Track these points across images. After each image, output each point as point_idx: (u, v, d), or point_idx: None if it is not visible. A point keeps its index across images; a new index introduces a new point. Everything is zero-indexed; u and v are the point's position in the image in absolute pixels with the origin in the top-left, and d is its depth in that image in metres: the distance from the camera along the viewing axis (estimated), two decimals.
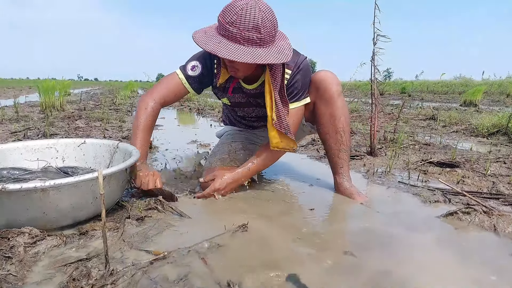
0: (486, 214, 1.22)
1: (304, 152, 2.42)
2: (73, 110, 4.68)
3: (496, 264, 0.93)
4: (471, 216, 1.22)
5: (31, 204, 0.94)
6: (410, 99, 9.17)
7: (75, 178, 0.96)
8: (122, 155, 1.37)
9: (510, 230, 1.13)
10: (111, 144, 1.43)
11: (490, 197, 1.39)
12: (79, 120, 3.68)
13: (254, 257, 0.93)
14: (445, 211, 1.26)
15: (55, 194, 0.95)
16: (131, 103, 6.59)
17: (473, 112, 5.21)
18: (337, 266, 0.90)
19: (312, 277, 0.84)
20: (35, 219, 0.96)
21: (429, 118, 4.15)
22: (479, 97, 7.08)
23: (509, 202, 1.33)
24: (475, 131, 3.24)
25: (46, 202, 0.95)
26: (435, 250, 1.01)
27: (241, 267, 0.88)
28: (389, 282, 0.83)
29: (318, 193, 1.51)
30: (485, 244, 1.05)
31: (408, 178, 1.72)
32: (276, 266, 0.89)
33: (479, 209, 1.24)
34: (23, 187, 0.89)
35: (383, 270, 0.88)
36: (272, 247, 1.00)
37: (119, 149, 1.39)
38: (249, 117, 1.64)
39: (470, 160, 1.98)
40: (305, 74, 1.37)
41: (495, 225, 1.16)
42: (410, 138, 2.82)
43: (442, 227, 1.17)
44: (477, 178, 1.68)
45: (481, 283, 0.84)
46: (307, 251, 0.98)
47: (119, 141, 1.40)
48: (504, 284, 0.84)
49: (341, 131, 1.44)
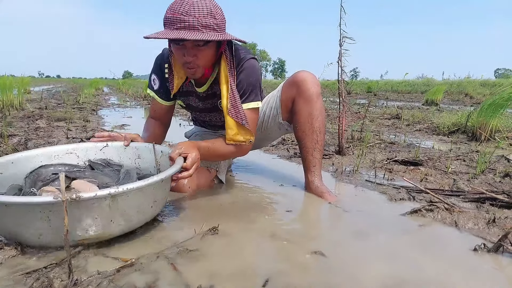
0: (447, 211, 1.28)
1: (275, 151, 2.43)
2: (33, 109, 4.46)
3: (456, 258, 0.97)
4: (434, 213, 1.27)
5: (100, 212, 0.89)
6: (376, 98, 9.44)
7: (145, 181, 0.94)
8: (162, 157, 1.33)
9: (469, 226, 1.19)
10: (139, 146, 1.40)
11: (451, 194, 1.45)
12: (40, 120, 3.52)
13: (225, 260, 0.92)
14: (410, 208, 1.31)
15: (124, 200, 0.92)
16: (96, 102, 6.37)
17: (435, 111, 5.43)
18: (307, 266, 0.91)
19: (283, 278, 0.85)
20: (102, 228, 0.92)
21: (394, 117, 4.29)
22: (440, 97, 7.40)
23: (469, 199, 1.39)
24: (436, 130, 3.38)
25: (114, 209, 0.91)
26: (401, 246, 1.04)
27: (212, 272, 0.87)
28: (359, 279, 0.85)
29: (289, 193, 1.52)
30: (447, 239, 1.09)
31: (374, 176, 1.77)
32: (248, 269, 0.89)
33: (441, 206, 1.30)
34: (97, 195, 0.84)
35: (353, 268, 0.90)
36: (243, 249, 0.99)
37: (158, 151, 1.34)
38: (213, 123, 1.62)
39: (432, 158, 2.06)
40: (249, 74, 1.33)
41: (456, 221, 1.21)
42: (376, 137, 2.90)
43: (407, 224, 1.21)
44: (439, 175, 1.75)
45: (442, 276, 0.87)
46: (277, 253, 0.98)
47: (153, 143, 1.36)
48: (463, 277, 0.87)
49: (317, 131, 1.48)
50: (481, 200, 1.37)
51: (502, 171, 1.78)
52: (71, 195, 0.80)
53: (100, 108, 5.46)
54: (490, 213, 1.26)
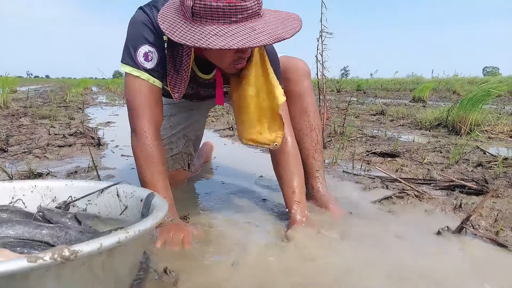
0: (417, 198, 1.31)
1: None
2: (18, 108, 4.42)
3: (420, 240, 1.01)
4: (404, 200, 1.31)
5: (89, 275, 0.56)
6: (365, 96, 9.52)
7: (146, 223, 0.62)
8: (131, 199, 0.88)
9: (438, 211, 1.22)
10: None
11: (423, 182, 1.49)
12: (24, 118, 3.50)
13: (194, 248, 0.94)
14: (382, 196, 1.34)
15: (121, 252, 0.61)
16: (83, 101, 6.33)
17: (420, 107, 5.50)
18: (278, 250, 0.93)
19: (249, 262, 0.87)
20: None
21: (379, 113, 4.34)
22: (427, 94, 7.50)
23: (439, 186, 1.43)
24: (419, 125, 3.43)
25: (108, 269, 0.59)
26: (368, 230, 1.07)
27: (180, 256, 0.89)
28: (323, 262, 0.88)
29: (266, 185, 1.54)
30: (414, 224, 1.12)
31: (352, 168, 1.80)
32: (218, 255, 0.91)
33: (411, 193, 1.33)
34: (103, 246, 0.52)
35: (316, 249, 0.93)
36: (213, 237, 1.02)
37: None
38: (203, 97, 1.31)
39: (410, 150, 2.10)
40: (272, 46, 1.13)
41: (424, 207, 1.24)
42: (359, 132, 2.94)
43: (377, 210, 1.24)
44: (414, 166, 1.79)
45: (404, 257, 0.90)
46: (250, 239, 1.00)
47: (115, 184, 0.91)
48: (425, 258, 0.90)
49: (316, 129, 1.27)
50: (451, 187, 1.41)
51: (475, 161, 1.82)
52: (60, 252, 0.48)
53: (87, 107, 5.42)
54: (458, 199, 1.29)
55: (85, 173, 1.63)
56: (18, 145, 2.20)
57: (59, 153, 2.03)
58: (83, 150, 2.12)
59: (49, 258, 0.47)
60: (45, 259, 0.47)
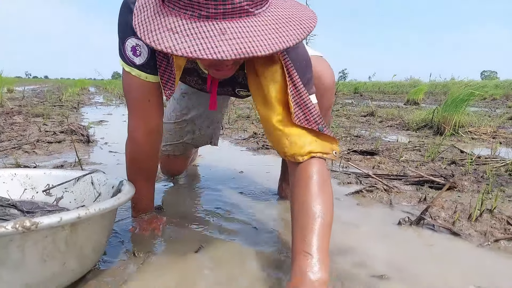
0: (386, 192, 1.37)
1: (245, 144, 2.51)
2: (12, 106, 4.47)
3: (381, 230, 1.07)
4: (373, 193, 1.37)
5: (52, 248, 0.61)
6: (362, 99, 9.59)
7: (107, 203, 0.68)
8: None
9: (404, 204, 1.29)
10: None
11: (395, 178, 1.55)
12: (18, 116, 3.55)
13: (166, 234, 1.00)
14: (354, 190, 1.40)
15: (84, 229, 0.66)
16: (79, 100, 6.38)
17: (413, 109, 5.57)
18: (260, 244, 0.99)
19: (215, 245, 0.93)
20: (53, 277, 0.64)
21: (369, 114, 4.41)
22: (421, 96, 7.58)
23: (410, 182, 1.49)
24: (406, 126, 3.50)
25: (71, 244, 0.64)
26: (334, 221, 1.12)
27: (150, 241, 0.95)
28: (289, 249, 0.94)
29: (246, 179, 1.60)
30: (378, 215, 1.18)
31: (331, 164, 1.86)
32: (186, 240, 0.97)
33: (380, 187, 1.39)
34: (63, 219, 0.57)
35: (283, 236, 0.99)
36: (184, 225, 1.07)
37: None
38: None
39: (389, 149, 2.16)
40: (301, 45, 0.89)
41: (391, 200, 1.30)
42: (345, 132, 3.00)
43: (346, 203, 1.30)
44: (391, 163, 1.85)
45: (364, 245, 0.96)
46: (220, 226, 1.06)
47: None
48: (384, 245, 0.96)
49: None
50: (420, 183, 1.47)
51: (450, 159, 1.89)
52: (22, 222, 0.53)
53: (82, 106, 5.48)
54: (425, 193, 1.35)
55: (71, 167, 1.68)
56: (9, 141, 2.26)
57: (48, 148, 2.08)
58: (72, 147, 2.18)
59: (11, 227, 0.53)
60: (7, 228, 0.52)
